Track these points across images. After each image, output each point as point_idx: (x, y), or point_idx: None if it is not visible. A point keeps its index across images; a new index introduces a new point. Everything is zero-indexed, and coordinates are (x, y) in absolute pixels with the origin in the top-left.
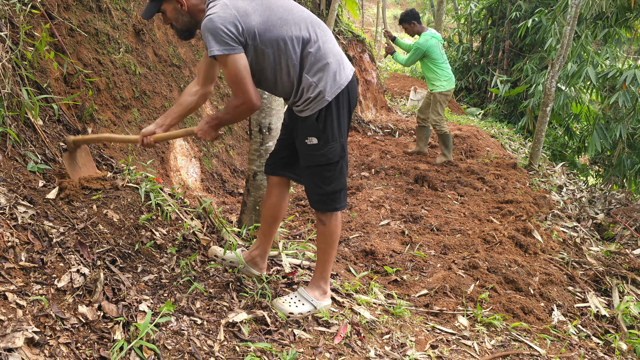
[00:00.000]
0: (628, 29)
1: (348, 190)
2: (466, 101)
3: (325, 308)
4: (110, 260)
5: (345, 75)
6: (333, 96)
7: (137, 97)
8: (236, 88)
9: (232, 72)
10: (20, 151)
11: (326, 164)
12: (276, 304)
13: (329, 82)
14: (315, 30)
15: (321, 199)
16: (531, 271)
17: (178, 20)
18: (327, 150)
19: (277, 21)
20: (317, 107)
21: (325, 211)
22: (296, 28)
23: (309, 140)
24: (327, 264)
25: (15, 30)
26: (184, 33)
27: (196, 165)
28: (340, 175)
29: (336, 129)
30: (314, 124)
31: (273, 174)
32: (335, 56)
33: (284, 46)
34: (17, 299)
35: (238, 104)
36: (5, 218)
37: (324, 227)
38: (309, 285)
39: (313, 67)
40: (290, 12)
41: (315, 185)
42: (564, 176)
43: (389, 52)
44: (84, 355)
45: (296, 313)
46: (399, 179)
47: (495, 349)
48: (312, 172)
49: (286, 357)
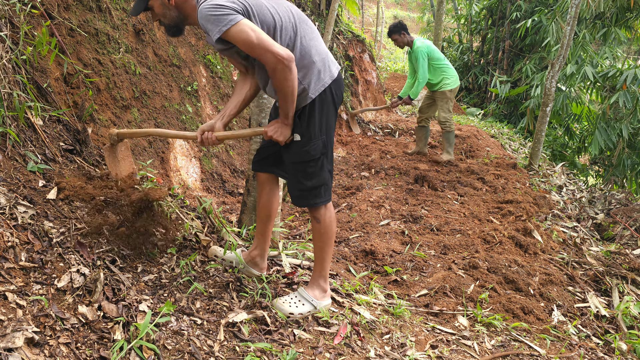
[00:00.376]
0: (628, 29)
1: (348, 190)
2: (466, 101)
3: (325, 307)
4: (110, 260)
5: (330, 74)
6: (316, 94)
7: (137, 97)
8: (258, 51)
9: (245, 38)
10: (20, 151)
11: (309, 160)
12: (276, 304)
13: (312, 80)
14: (302, 26)
15: (302, 194)
16: (531, 271)
17: (166, 16)
18: (310, 147)
19: (265, 4)
20: (300, 104)
21: (306, 206)
22: (285, 18)
23: (293, 137)
24: (325, 262)
25: (15, 30)
26: (172, 29)
27: (196, 165)
28: (321, 171)
29: (318, 126)
30: (296, 121)
31: (261, 171)
32: (320, 54)
33: (273, 31)
34: (17, 299)
35: (272, 67)
36: (5, 218)
37: (319, 224)
38: (309, 284)
39: (298, 63)
40: (280, 4)
41: (297, 181)
42: (564, 176)
43: (408, 103)
44: (84, 355)
45: (296, 313)
46: (399, 179)
47: (495, 349)
48: (295, 168)
49: (286, 357)
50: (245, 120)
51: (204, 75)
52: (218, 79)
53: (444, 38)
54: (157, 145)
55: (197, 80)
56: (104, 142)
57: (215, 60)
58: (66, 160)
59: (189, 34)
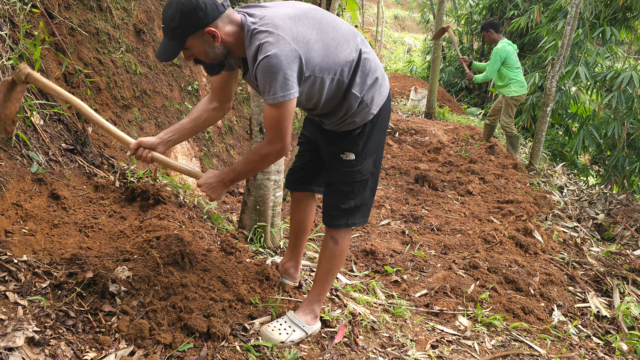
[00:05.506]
0: (628, 29)
1: None
2: (466, 101)
3: (315, 332)
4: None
5: (386, 86)
6: (378, 108)
7: (137, 97)
8: (275, 133)
9: (279, 116)
10: (23, 152)
11: (359, 181)
12: (265, 332)
13: (375, 95)
14: (363, 45)
15: (341, 214)
16: (531, 271)
17: (209, 55)
18: (363, 167)
19: (331, 42)
20: (361, 121)
21: (340, 226)
22: (347, 46)
23: (345, 156)
24: (327, 285)
25: (16, 29)
26: (215, 67)
27: (197, 164)
28: (364, 190)
29: (374, 143)
30: (355, 139)
31: (298, 190)
32: (380, 69)
33: (339, 69)
34: (18, 298)
35: (271, 151)
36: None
37: (336, 245)
38: (301, 307)
39: (363, 82)
40: (338, 29)
41: (339, 200)
42: (564, 176)
43: (469, 79)
44: (84, 355)
45: (287, 342)
46: (399, 178)
47: (496, 349)
48: (340, 188)
49: (287, 357)
50: (245, 119)
51: (204, 74)
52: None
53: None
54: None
55: (198, 80)
56: (105, 140)
57: None
58: (67, 160)
59: None
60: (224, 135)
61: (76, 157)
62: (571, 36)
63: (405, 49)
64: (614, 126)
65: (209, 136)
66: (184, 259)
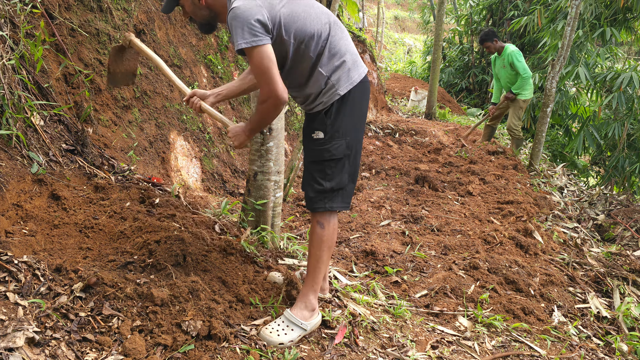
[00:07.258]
0: (628, 30)
1: None
2: (467, 102)
3: (315, 326)
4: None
5: (359, 73)
6: (345, 91)
7: (137, 97)
8: (261, 79)
9: (257, 62)
10: (23, 152)
11: (329, 160)
12: (263, 335)
13: (342, 77)
14: (334, 27)
15: (317, 196)
16: (532, 272)
17: (197, 14)
18: (332, 146)
19: (302, 13)
20: (328, 101)
21: (319, 209)
22: (318, 22)
23: (315, 134)
24: (319, 273)
25: (16, 30)
26: (204, 26)
27: (197, 165)
28: (341, 173)
29: (344, 125)
30: (322, 119)
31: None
32: (352, 55)
33: (306, 39)
34: (18, 299)
35: (264, 98)
36: None
37: (323, 230)
38: (296, 304)
39: (329, 61)
40: (312, 6)
41: (314, 181)
42: (564, 177)
43: (511, 99)
44: (84, 355)
45: (286, 342)
46: (399, 179)
47: (496, 349)
48: (314, 168)
49: (287, 357)
50: (245, 120)
51: (204, 75)
52: (219, 79)
53: (444, 39)
54: (157, 145)
55: (198, 80)
56: (105, 141)
57: (216, 60)
58: (67, 160)
59: (189, 35)
60: (224, 136)
61: (76, 157)
62: (571, 37)
63: (405, 49)
64: (614, 127)
65: (209, 137)
66: (185, 260)
